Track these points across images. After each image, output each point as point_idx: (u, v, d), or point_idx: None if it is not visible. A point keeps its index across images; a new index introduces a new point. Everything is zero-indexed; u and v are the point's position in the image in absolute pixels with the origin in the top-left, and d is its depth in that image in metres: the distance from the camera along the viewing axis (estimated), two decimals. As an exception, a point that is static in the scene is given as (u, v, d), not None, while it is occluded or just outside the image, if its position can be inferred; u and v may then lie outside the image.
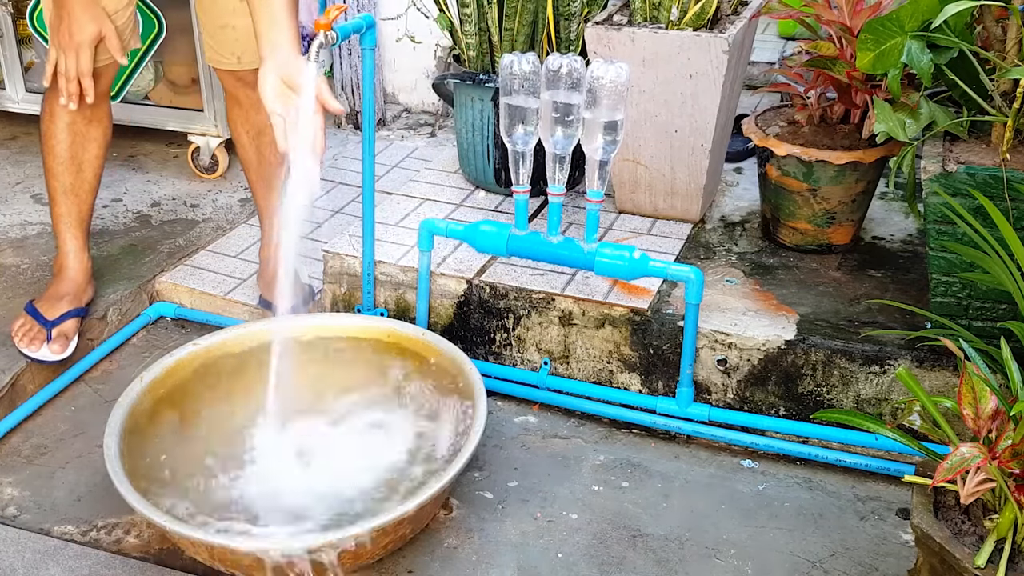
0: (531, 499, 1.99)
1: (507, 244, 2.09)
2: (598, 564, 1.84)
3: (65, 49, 2.07)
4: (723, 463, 2.10)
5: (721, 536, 1.90)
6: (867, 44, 1.90)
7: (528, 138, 1.99)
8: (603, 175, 1.98)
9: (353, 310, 2.40)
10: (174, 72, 3.14)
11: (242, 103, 2.31)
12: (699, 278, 1.99)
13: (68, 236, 2.34)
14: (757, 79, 3.33)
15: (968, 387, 1.51)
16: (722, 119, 2.39)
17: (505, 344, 2.30)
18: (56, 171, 2.27)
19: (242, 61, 2.23)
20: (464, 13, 2.55)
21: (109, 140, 2.31)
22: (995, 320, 1.92)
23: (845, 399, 2.08)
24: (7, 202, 2.99)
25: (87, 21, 2.05)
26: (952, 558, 1.45)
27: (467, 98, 2.61)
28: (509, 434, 2.18)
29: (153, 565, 1.83)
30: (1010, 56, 1.90)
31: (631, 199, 2.55)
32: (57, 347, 2.25)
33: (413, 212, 2.60)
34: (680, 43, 2.26)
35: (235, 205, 2.99)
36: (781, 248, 2.41)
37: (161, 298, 2.61)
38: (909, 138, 2.02)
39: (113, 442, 1.81)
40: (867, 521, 1.94)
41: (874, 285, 2.25)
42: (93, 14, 2.06)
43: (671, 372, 2.16)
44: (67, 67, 2.08)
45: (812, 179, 2.25)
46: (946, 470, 1.42)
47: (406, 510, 1.68)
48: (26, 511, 1.97)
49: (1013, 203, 1.81)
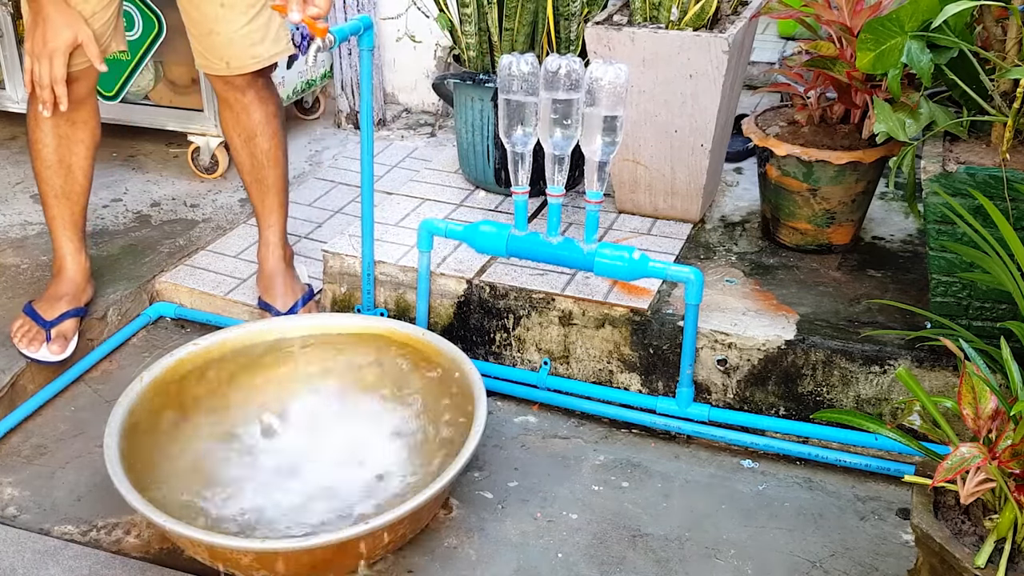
0: (531, 499, 1.99)
1: (506, 245, 2.09)
2: (598, 564, 1.84)
3: (38, 56, 2.04)
4: (723, 463, 2.10)
5: (721, 536, 1.90)
6: (867, 44, 1.90)
7: (527, 139, 1.99)
8: (602, 176, 1.98)
9: (353, 310, 2.40)
10: (174, 72, 3.14)
11: (233, 107, 2.30)
12: (699, 279, 1.99)
13: (63, 238, 2.33)
14: (757, 79, 3.33)
15: (968, 387, 1.51)
16: (722, 119, 2.39)
17: (505, 344, 2.30)
18: (45, 175, 2.26)
19: (231, 66, 2.22)
20: (464, 13, 2.55)
21: (97, 141, 2.29)
22: (995, 320, 1.92)
23: (845, 399, 2.08)
24: (7, 202, 2.99)
25: (62, 26, 2.02)
26: (952, 558, 1.45)
27: (467, 98, 2.61)
28: (509, 434, 2.18)
29: (153, 565, 1.83)
30: (1010, 56, 1.90)
31: (631, 199, 2.55)
32: (56, 347, 2.25)
33: (413, 212, 2.60)
34: (680, 43, 2.26)
35: (235, 205, 2.99)
36: (781, 248, 2.41)
37: (161, 298, 2.61)
38: (909, 138, 2.02)
39: (113, 442, 1.81)
40: (867, 521, 1.94)
41: (874, 285, 2.25)
42: (69, 19, 2.03)
43: (671, 372, 2.16)
44: (40, 74, 2.05)
45: (812, 179, 2.25)
46: (946, 470, 1.42)
47: (405, 510, 1.68)
48: (26, 511, 1.97)
49: (1013, 203, 1.81)
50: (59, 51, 2.03)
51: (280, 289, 2.41)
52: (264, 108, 2.30)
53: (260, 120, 2.30)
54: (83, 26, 2.05)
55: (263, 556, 1.66)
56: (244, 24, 2.17)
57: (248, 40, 2.19)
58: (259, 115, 2.30)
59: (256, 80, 2.27)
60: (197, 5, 2.18)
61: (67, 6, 2.04)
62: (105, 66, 2.13)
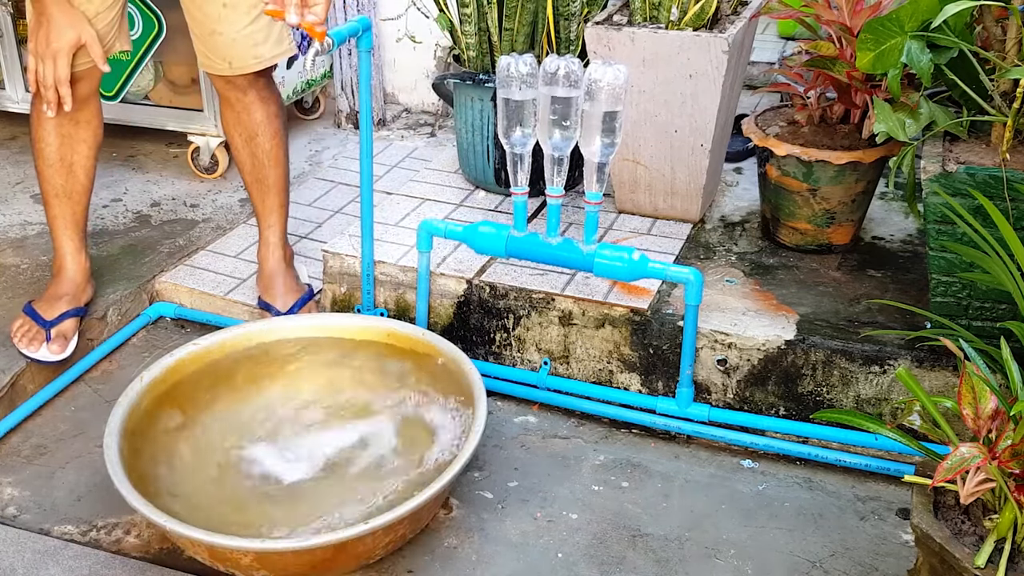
0: (531, 499, 1.99)
1: (506, 245, 2.09)
2: (598, 564, 1.84)
3: (42, 56, 2.04)
4: (723, 463, 2.10)
5: (721, 536, 1.90)
6: (867, 44, 1.90)
7: (526, 140, 1.99)
8: (602, 177, 1.98)
9: (353, 310, 2.40)
10: (174, 72, 3.14)
11: (234, 106, 2.30)
12: (698, 279, 1.99)
13: (64, 238, 2.33)
14: (757, 79, 3.33)
15: (968, 387, 1.51)
16: (722, 119, 2.39)
17: (505, 344, 2.30)
18: (47, 174, 2.26)
19: (233, 66, 2.22)
20: (464, 13, 2.55)
21: (100, 141, 2.29)
22: (995, 320, 1.92)
23: (845, 399, 2.08)
24: (7, 202, 2.99)
25: (65, 27, 2.02)
26: (952, 558, 1.45)
27: (467, 98, 2.61)
28: (509, 434, 2.18)
29: (153, 565, 1.83)
30: (1010, 56, 1.90)
31: (631, 199, 2.55)
32: (56, 347, 2.25)
33: (413, 212, 2.60)
34: (680, 43, 2.26)
35: (235, 205, 2.99)
36: (781, 248, 2.41)
37: (161, 298, 2.61)
38: (909, 138, 2.02)
39: (113, 442, 1.81)
40: (867, 521, 1.94)
41: (874, 285, 2.25)
42: (72, 20, 2.03)
43: (671, 372, 2.16)
44: (44, 75, 2.05)
45: (812, 179, 2.25)
46: (946, 470, 1.42)
47: (405, 510, 1.68)
48: (26, 511, 1.97)
49: (1013, 203, 1.81)
50: (62, 51, 2.03)
51: (280, 289, 2.41)
52: (265, 108, 2.31)
53: (261, 120, 2.31)
54: (86, 26, 2.05)
55: (263, 556, 1.66)
56: (247, 24, 2.17)
57: (251, 40, 2.19)
58: (260, 115, 2.30)
59: (258, 80, 2.27)
60: (200, 5, 2.18)
61: (70, 6, 2.04)
62: (108, 67, 2.13)
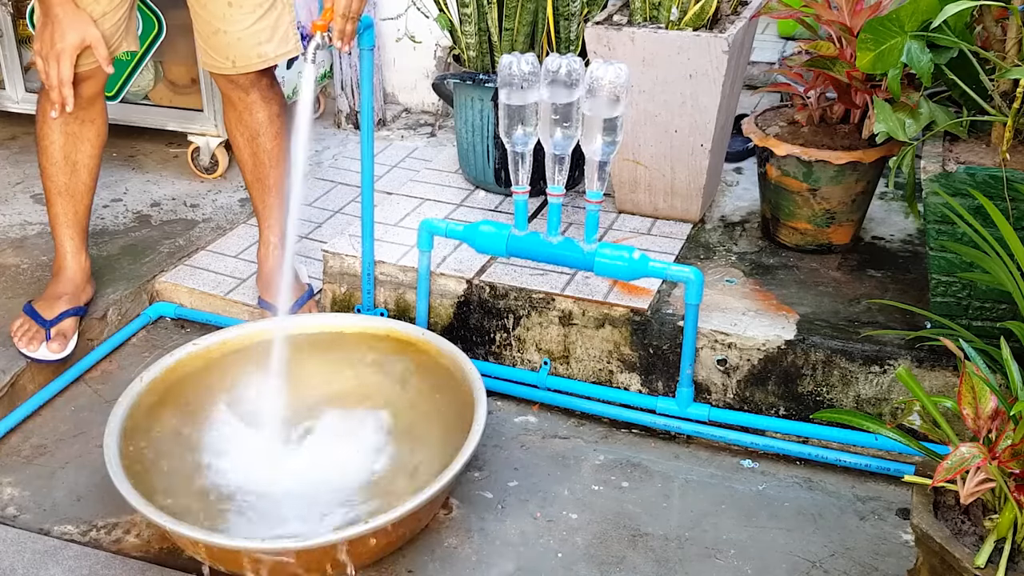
0: (531, 499, 1.99)
1: (506, 245, 2.09)
2: (598, 564, 1.84)
3: (46, 57, 2.04)
4: (723, 463, 2.10)
5: (721, 536, 1.90)
6: (867, 44, 1.90)
7: (527, 139, 1.99)
8: (602, 176, 1.98)
9: (353, 310, 2.40)
10: (174, 72, 3.14)
11: (237, 106, 2.30)
12: (699, 279, 1.99)
13: (65, 237, 2.33)
14: (757, 79, 3.33)
15: (968, 387, 1.51)
16: (722, 119, 2.39)
17: (505, 344, 2.30)
18: (50, 172, 2.26)
19: (236, 65, 2.22)
20: (464, 13, 2.55)
21: (104, 140, 2.30)
22: (995, 320, 1.92)
23: (845, 399, 2.08)
24: (7, 202, 2.99)
25: (69, 28, 2.02)
26: (952, 558, 1.45)
27: (467, 98, 2.61)
28: (509, 434, 2.18)
29: (153, 565, 1.83)
30: (1010, 56, 1.90)
31: (631, 199, 2.55)
32: (56, 346, 2.25)
33: (413, 212, 2.60)
34: (680, 43, 2.26)
35: (235, 205, 2.99)
36: (781, 248, 2.41)
37: (161, 298, 2.60)
38: (909, 138, 2.02)
39: (113, 442, 1.81)
40: (867, 521, 1.94)
41: (874, 285, 2.25)
42: (76, 21, 2.02)
43: (671, 372, 2.16)
44: (48, 75, 2.05)
45: (812, 179, 2.25)
46: (946, 470, 1.42)
47: (405, 510, 1.68)
48: (26, 511, 1.97)
49: (1013, 203, 1.81)
50: (66, 52, 2.03)
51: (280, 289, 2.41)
52: (268, 108, 2.31)
53: (263, 120, 2.31)
54: (91, 28, 2.05)
55: (262, 556, 1.66)
56: (251, 23, 2.17)
57: (255, 39, 2.19)
58: (263, 115, 2.30)
59: (260, 79, 2.27)
60: (204, 4, 2.18)
61: (75, 7, 2.03)
62: (113, 68, 2.13)
